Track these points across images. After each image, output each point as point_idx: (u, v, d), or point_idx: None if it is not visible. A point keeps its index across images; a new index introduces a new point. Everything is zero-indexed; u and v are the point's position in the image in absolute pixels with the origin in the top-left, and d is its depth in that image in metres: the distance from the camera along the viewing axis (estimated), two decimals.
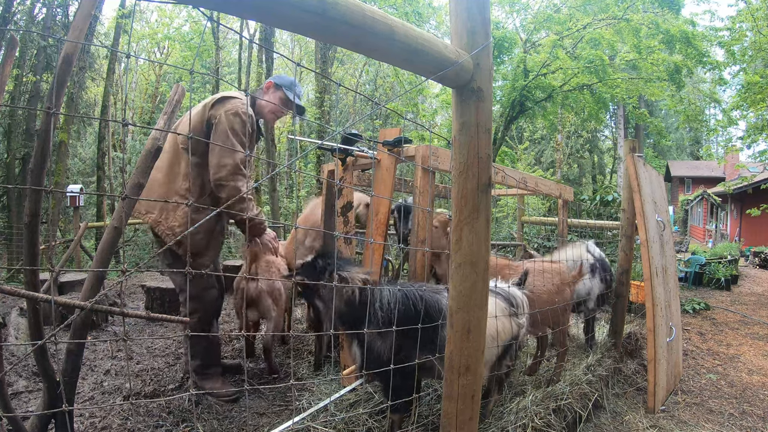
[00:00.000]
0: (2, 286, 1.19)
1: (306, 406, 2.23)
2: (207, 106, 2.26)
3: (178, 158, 2.30)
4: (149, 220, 2.30)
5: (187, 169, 2.27)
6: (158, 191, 2.29)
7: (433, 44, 1.13)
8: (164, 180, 2.30)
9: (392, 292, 1.73)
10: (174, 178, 2.30)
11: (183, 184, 2.27)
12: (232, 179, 2.17)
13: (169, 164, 2.30)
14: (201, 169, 2.30)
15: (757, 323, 5.00)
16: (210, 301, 2.43)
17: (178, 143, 2.31)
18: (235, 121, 2.19)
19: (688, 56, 8.04)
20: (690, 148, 31.49)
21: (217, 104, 2.24)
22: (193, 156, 2.29)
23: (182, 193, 2.26)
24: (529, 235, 7.45)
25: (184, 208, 2.25)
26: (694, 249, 13.02)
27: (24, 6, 10.36)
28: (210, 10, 0.98)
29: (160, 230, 2.27)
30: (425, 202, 2.17)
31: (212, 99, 2.28)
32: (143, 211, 2.32)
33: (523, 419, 2.00)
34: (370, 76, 18.84)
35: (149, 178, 2.26)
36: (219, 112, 2.21)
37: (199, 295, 2.38)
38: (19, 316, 3.26)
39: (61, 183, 9.05)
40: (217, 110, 2.22)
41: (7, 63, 1.48)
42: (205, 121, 2.25)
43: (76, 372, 1.59)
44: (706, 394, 2.93)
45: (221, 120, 2.19)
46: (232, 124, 2.18)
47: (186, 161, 2.27)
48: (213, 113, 2.23)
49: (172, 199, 2.26)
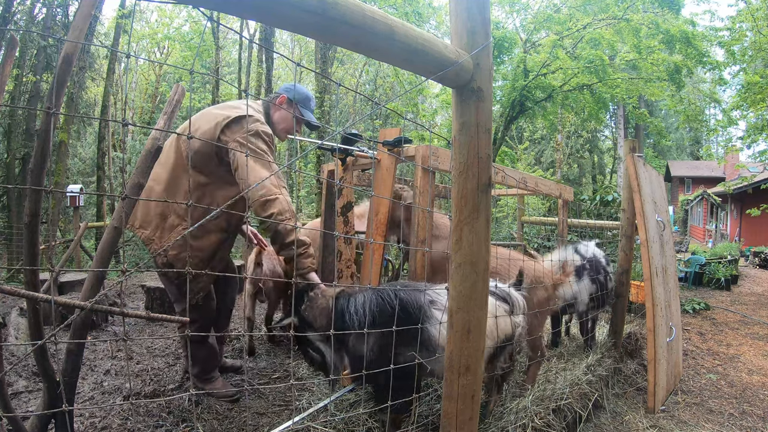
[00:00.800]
0: (2, 286, 1.19)
1: (306, 406, 2.23)
2: (219, 125, 2.03)
3: (182, 173, 2.11)
4: (141, 236, 2.11)
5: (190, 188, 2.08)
6: (154, 206, 2.11)
7: (433, 44, 1.13)
8: (163, 195, 2.10)
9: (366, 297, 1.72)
10: (174, 195, 2.09)
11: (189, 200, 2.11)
12: (278, 192, 1.92)
13: (171, 178, 2.11)
14: (209, 189, 2.11)
15: (757, 323, 5.00)
16: (209, 310, 2.36)
17: (183, 157, 2.09)
18: (259, 142, 2.01)
19: (688, 56, 8.04)
20: (690, 148, 31.49)
21: (233, 125, 2.03)
22: (201, 175, 2.09)
23: (181, 213, 2.07)
24: (529, 235, 7.45)
25: (180, 230, 2.06)
26: (694, 249, 13.02)
27: (24, 6, 10.37)
28: (210, 10, 0.98)
29: (152, 249, 2.10)
30: (425, 202, 2.17)
31: (225, 117, 2.04)
32: (137, 225, 2.13)
33: (523, 419, 2.00)
34: (370, 76, 18.84)
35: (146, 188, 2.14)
36: (236, 136, 2.01)
37: (196, 307, 2.25)
38: (19, 316, 3.26)
39: (61, 183, 9.05)
40: (234, 132, 2.02)
41: (7, 63, 1.48)
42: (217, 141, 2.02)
43: (76, 372, 1.59)
44: (706, 394, 2.93)
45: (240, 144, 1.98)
46: (257, 145, 2.00)
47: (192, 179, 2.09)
48: (230, 135, 2.01)
49: (170, 218, 2.08)
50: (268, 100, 2.42)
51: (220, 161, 2.10)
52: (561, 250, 3.25)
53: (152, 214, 2.12)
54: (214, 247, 2.20)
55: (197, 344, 2.31)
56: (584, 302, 3.10)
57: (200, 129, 2.09)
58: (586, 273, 3.14)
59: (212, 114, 2.13)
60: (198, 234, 2.11)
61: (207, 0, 0.87)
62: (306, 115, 2.32)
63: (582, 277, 3.11)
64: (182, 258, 2.10)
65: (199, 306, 2.27)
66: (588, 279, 3.12)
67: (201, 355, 2.36)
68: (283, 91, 2.34)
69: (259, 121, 2.09)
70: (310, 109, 2.35)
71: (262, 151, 2.00)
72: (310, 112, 2.34)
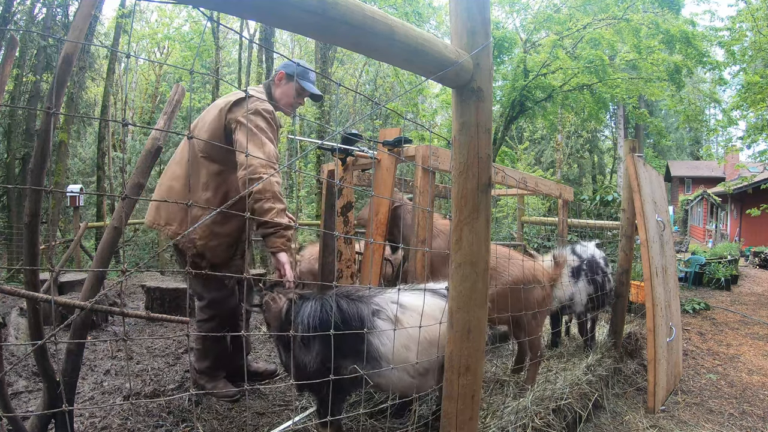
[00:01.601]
0: (2, 286, 1.19)
1: (306, 406, 2.23)
2: (223, 111, 2.12)
3: (198, 167, 2.18)
4: (169, 232, 2.18)
5: (207, 178, 2.15)
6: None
7: (433, 44, 1.13)
8: (182, 190, 2.17)
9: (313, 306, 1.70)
10: (194, 189, 2.17)
11: (203, 194, 2.15)
12: (264, 171, 1.97)
13: (187, 174, 2.17)
14: (224, 176, 2.17)
15: (757, 323, 5.00)
16: (230, 308, 2.36)
17: (196, 151, 2.17)
18: (258, 119, 2.08)
19: (688, 56, 8.04)
20: (690, 148, 31.49)
21: (234, 107, 2.11)
22: (214, 163, 2.16)
23: (202, 204, 2.13)
24: (529, 235, 7.45)
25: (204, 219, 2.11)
26: (694, 249, 13.03)
27: (24, 6, 10.37)
28: (210, 10, 0.98)
29: (181, 244, 2.16)
30: (425, 202, 2.17)
31: (227, 102, 2.12)
32: (162, 223, 2.20)
33: (523, 419, 2.00)
34: (370, 76, 18.84)
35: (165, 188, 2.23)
36: (237, 115, 2.07)
37: (219, 301, 2.30)
38: (19, 316, 3.27)
39: (61, 183, 9.05)
40: (235, 113, 2.09)
41: (7, 63, 1.48)
42: (224, 127, 2.12)
43: (76, 372, 1.59)
44: (706, 394, 2.93)
45: (242, 122, 2.05)
46: (255, 122, 2.06)
47: (207, 170, 2.16)
48: (231, 117, 2.09)
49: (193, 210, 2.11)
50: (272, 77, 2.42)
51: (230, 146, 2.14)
52: (563, 249, 3.24)
53: (176, 209, 2.18)
54: (239, 230, 2.24)
55: (214, 340, 2.31)
56: (582, 303, 3.09)
57: (207, 121, 2.16)
58: (583, 274, 3.13)
59: (216, 104, 2.21)
60: (221, 220, 2.16)
61: (207, 0, 0.87)
62: (307, 87, 2.32)
63: (579, 278, 3.10)
64: (211, 246, 2.18)
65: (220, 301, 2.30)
66: (585, 280, 3.11)
67: (215, 351, 2.37)
68: (281, 68, 2.35)
69: (258, 99, 2.13)
70: (310, 80, 2.34)
71: (259, 128, 2.05)
72: (311, 84, 2.34)
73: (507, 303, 2.28)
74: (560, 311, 3.20)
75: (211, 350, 2.37)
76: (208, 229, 2.15)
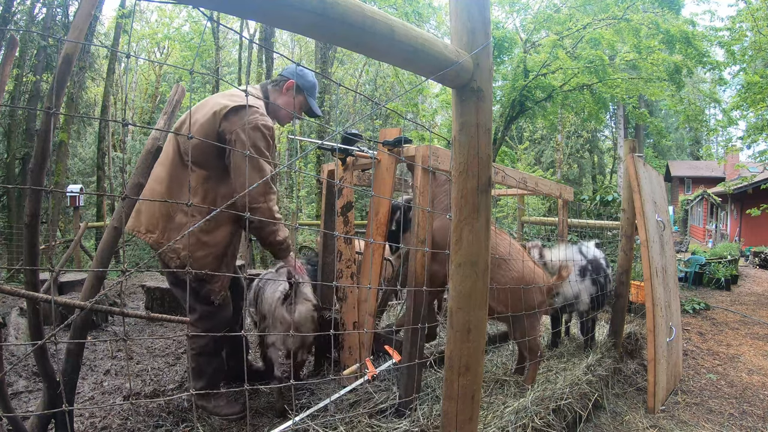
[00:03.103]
0: (2, 286, 1.19)
1: (306, 406, 2.23)
2: (218, 115, 1.96)
3: (183, 170, 2.03)
4: (149, 240, 2.03)
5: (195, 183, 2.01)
6: (159, 207, 2.02)
7: (433, 44, 1.13)
8: (166, 194, 2.02)
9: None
10: (177, 193, 2.02)
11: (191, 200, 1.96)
12: (263, 200, 1.96)
13: (171, 177, 2.03)
14: (213, 183, 2.03)
15: (757, 323, 5.00)
16: (224, 320, 2.19)
17: (182, 154, 2.02)
18: (257, 136, 1.94)
19: (688, 56, 8.04)
20: (690, 148, 31.51)
21: (231, 116, 1.95)
22: (202, 169, 2.02)
23: (187, 210, 1.99)
24: (529, 235, 7.45)
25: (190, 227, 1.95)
26: (694, 249, 13.02)
27: (24, 6, 10.38)
28: (210, 10, 0.98)
29: (163, 253, 2.01)
30: (425, 202, 2.17)
31: (223, 107, 1.96)
32: (143, 230, 2.04)
33: (523, 419, 2.00)
34: (370, 76, 18.84)
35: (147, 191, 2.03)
36: (234, 128, 1.93)
37: (212, 314, 2.12)
38: (19, 316, 3.27)
39: (61, 183, 9.05)
40: (232, 124, 1.94)
41: (7, 63, 1.49)
42: (217, 133, 1.97)
43: (76, 372, 1.59)
44: (706, 394, 2.93)
45: (240, 137, 1.91)
46: (254, 140, 1.93)
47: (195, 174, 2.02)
48: (228, 127, 1.95)
49: (176, 217, 2.00)
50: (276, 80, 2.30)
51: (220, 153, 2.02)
52: (567, 248, 3.24)
53: (157, 215, 2.04)
54: (227, 240, 2.11)
55: (208, 356, 2.15)
56: (585, 302, 3.10)
57: (197, 122, 2.01)
58: (588, 274, 3.14)
59: (209, 104, 2.05)
60: (209, 228, 2.03)
61: (207, 0, 0.87)
62: (313, 107, 2.28)
63: (585, 277, 3.11)
64: (197, 257, 2.02)
65: (214, 313, 2.14)
66: (590, 280, 3.12)
67: (210, 370, 2.19)
68: (289, 75, 2.23)
69: (258, 112, 2.01)
70: (315, 97, 2.30)
71: (257, 149, 1.95)
72: (314, 101, 2.29)
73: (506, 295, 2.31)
74: (560, 311, 3.20)
75: (205, 370, 2.18)
76: (195, 237, 1.99)
